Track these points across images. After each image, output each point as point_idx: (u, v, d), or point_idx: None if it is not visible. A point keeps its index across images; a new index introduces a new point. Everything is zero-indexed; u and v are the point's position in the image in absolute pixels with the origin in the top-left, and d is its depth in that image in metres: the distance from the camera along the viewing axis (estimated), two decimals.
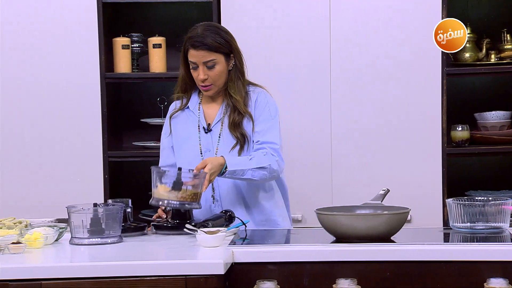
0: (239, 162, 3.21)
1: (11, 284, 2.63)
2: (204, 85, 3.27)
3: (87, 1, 4.12)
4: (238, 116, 3.28)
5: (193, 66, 3.27)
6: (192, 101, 3.37)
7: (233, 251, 2.81)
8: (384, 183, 3.70)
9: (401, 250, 2.82)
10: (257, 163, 3.21)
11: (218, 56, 3.25)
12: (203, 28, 3.27)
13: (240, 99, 3.29)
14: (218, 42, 3.25)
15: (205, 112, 3.34)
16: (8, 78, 4.14)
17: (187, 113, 3.36)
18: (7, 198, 4.13)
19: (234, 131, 3.27)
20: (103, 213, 2.99)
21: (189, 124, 3.34)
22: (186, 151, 3.32)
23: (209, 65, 3.25)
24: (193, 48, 3.24)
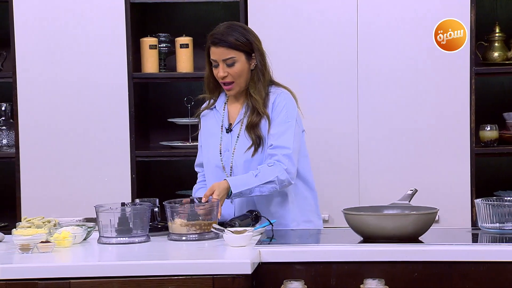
0: (244, 181, 3.18)
1: (40, 283, 2.65)
2: (225, 82, 3.27)
3: (116, 2, 4.14)
4: (256, 117, 3.27)
5: (214, 64, 3.27)
6: (219, 101, 3.38)
7: (260, 251, 2.81)
8: (412, 183, 3.69)
9: (429, 251, 2.80)
10: (263, 179, 3.18)
11: (238, 54, 3.24)
12: (226, 26, 3.28)
13: (259, 100, 3.27)
14: (238, 40, 3.24)
15: (229, 111, 3.35)
16: (38, 78, 4.17)
17: (214, 112, 3.37)
18: (36, 197, 4.16)
19: (250, 132, 3.26)
20: (130, 212, 3.01)
21: (214, 122, 3.36)
22: (209, 150, 3.34)
23: (228, 63, 3.24)
24: (214, 45, 3.24)
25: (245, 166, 3.26)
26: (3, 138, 4.31)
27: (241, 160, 3.27)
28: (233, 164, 3.28)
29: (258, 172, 3.21)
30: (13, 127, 4.24)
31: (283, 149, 3.23)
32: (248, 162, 3.26)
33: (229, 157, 3.29)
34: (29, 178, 4.17)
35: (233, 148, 3.30)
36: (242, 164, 3.26)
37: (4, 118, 4.33)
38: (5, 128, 4.31)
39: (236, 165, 3.27)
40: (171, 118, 4.40)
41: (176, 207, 3.04)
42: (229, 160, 3.29)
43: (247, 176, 3.21)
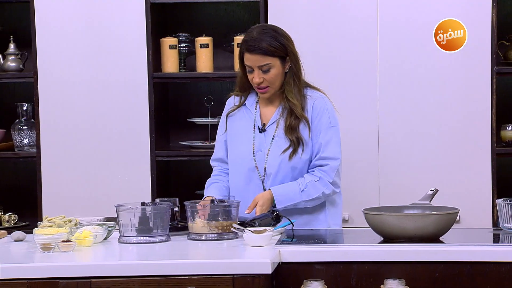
0: (290, 196, 3.21)
1: (61, 282, 2.66)
2: (260, 87, 3.26)
3: (136, 2, 4.15)
4: (295, 120, 3.26)
5: (248, 70, 3.25)
6: (250, 100, 3.36)
7: (280, 251, 2.81)
8: (433, 183, 3.67)
9: (450, 251, 2.79)
10: (309, 195, 3.23)
11: (273, 60, 3.23)
12: (259, 31, 3.24)
13: (297, 103, 3.26)
14: (273, 46, 3.21)
15: (262, 111, 3.33)
16: (59, 78, 4.19)
17: (244, 111, 3.35)
18: (57, 197, 4.18)
19: (290, 134, 3.25)
20: (151, 212, 3.01)
21: (245, 121, 3.33)
22: (240, 149, 3.32)
23: (264, 69, 3.22)
24: (248, 52, 3.21)
25: (280, 168, 3.26)
26: (24, 138, 4.34)
27: (276, 161, 3.26)
28: (267, 165, 3.27)
29: (304, 188, 3.23)
30: (34, 127, 4.27)
31: (331, 160, 3.25)
32: (284, 163, 3.25)
33: (263, 157, 3.28)
34: (50, 178, 4.19)
35: (268, 149, 3.28)
36: (277, 165, 3.26)
37: (25, 118, 4.35)
38: (26, 128, 4.34)
39: (270, 166, 3.26)
40: (191, 118, 4.40)
41: (197, 207, 3.05)
42: (263, 160, 3.27)
43: (292, 189, 3.22)
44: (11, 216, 4.29)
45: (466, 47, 4.04)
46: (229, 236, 3.02)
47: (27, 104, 4.36)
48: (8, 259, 2.85)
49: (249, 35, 3.24)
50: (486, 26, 4.03)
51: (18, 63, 4.39)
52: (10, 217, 4.29)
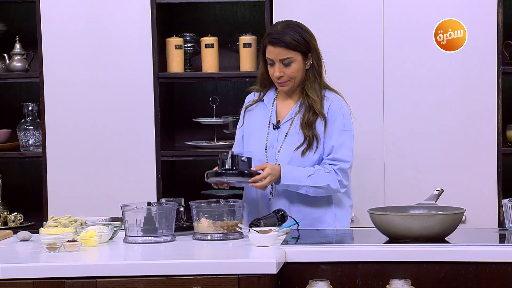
0: (296, 176, 3.21)
1: (67, 282, 2.67)
2: (280, 81, 3.28)
3: (141, 2, 4.16)
4: (313, 116, 3.27)
5: (269, 63, 3.27)
6: (268, 96, 3.37)
7: (286, 251, 2.81)
8: (439, 183, 3.67)
9: (455, 251, 2.79)
10: (315, 182, 3.22)
11: (295, 54, 3.25)
12: (283, 25, 3.27)
13: (317, 99, 3.27)
14: (296, 40, 3.24)
15: (278, 108, 3.34)
16: (65, 78, 4.20)
17: (262, 106, 3.37)
18: (63, 196, 4.19)
19: (307, 130, 3.25)
20: (156, 212, 3.02)
21: (261, 117, 3.35)
22: (253, 144, 3.33)
23: (285, 63, 3.25)
24: (271, 45, 3.24)
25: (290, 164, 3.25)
26: (30, 137, 4.34)
27: (287, 158, 3.26)
28: (278, 162, 3.27)
29: (313, 173, 3.23)
30: (40, 127, 4.27)
31: (342, 163, 3.27)
32: (294, 161, 3.25)
33: (274, 154, 3.28)
34: (56, 178, 4.20)
35: (280, 146, 3.29)
36: (287, 162, 3.25)
37: (31, 118, 4.36)
38: (32, 128, 4.35)
39: (281, 163, 3.26)
40: (196, 118, 4.40)
41: (202, 207, 3.05)
42: (274, 157, 3.28)
43: (302, 172, 3.23)
44: (17, 216, 4.30)
45: (471, 47, 4.03)
46: (235, 236, 3.02)
47: (32, 104, 4.36)
48: (14, 259, 2.86)
49: (273, 29, 3.28)
50: (492, 26, 4.02)
51: (23, 63, 4.40)
52: (16, 217, 4.30)
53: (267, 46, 3.26)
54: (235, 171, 3.11)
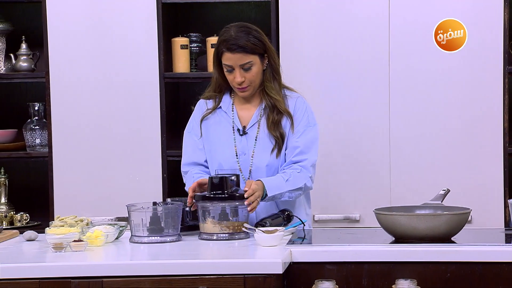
0: (277, 185, 3.17)
1: (73, 281, 2.67)
2: (241, 87, 3.24)
3: (147, 2, 4.16)
4: (277, 115, 3.25)
5: (228, 69, 3.22)
6: (225, 102, 3.32)
7: (291, 251, 2.81)
8: (444, 183, 3.66)
9: (461, 251, 2.78)
10: (293, 185, 3.20)
11: (254, 57, 3.21)
12: (236, 30, 3.22)
13: (280, 99, 3.25)
14: (253, 43, 3.20)
15: (239, 113, 3.29)
16: (71, 78, 4.20)
17: (219, 113, 3.31)
18: (68, 196, 4.19)
19: (274, 130, 3.23)
20: (162, 211, 3.02)
21: (222, 125, 3.29)
22: (221, 153, 3.27)
23: (245, 68, 3.20)
24: (229, 51, 3.19)
25: (267, 169, 3.24)
26: (36, 137, 4.35)
27: (263, 163, 3.24)
28: (253, 168, 3.24)
29: (289, 177, 3.21)
30: (46, 126, 4.28)
31: (311, 157, 3.24)
32: (271, 165, 3.24)
33: (247, 160, 3.25)
34: (61, 177, 4.20)
35: (252, 151, 3.26)
36: (264, 167, 3.24)
37: (37, 118, 4.37)
38: (38, 128, 4.35)
39: (257, 169, 3.24)
40: None
41: (208, 207, 3.05)
42: (248, 163, 3.25)
43: (278, 179, 3.19)
44: (23, 216, 4.31)
45: (476, 46, 4.03)
46: (240, 236, 3.02)
47: (38, 104, 4.37)
48: (20, 259, 2.86)
49: (227, 35, 3.22)
50: (498, 26, 4.01)
51: (30, 63, 4.40)
52: (22, 217, 4.30)
53: (224, 53, 3.19)
54: (225, 195, 3.05)
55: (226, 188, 3.04)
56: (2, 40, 4.41)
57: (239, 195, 3.05)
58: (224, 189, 3.04)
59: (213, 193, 3.04)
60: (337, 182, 4.08)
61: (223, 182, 3.04)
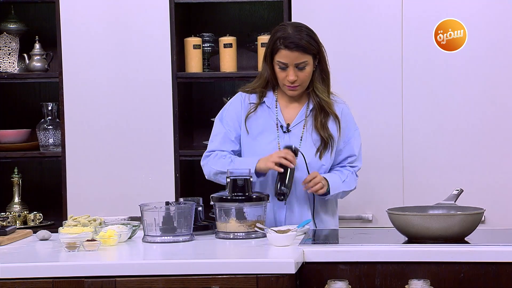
0: (337, 185, 3.24)
1: (86, 281, 2.68)
2: (293, 86, 3.24)
3: (160, 2, 4.16)
4: (325, 117, 3.26)
5: (281, 66, 3.22)
6: (269, 97, 3.32)
7: (304, 251, 2.80)
8: (458, 183, 3.65)
9: (475, 251, 2.77)
10: (348, 186, 3.29)
11: (309, 57, 3.22)
12: (294, 28, 3.22)
13: (329, 100, 3.27)
14: (310, 43, 3.21)
15: (283, 111, 3.30)
16: (84, 78, 4.21)
17: (263, 108, 3.31)
18: (82, 196, 4.20)
19: (323, 131, 3.24)
20: (175, 211, 3.02)
21: (265, 120, 3.28)
22: (262, 148, 3.25)
23: (300, 67, 3.21)
24: (288, 49, 3.19)
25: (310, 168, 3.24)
26: (49, 137, 4.36)
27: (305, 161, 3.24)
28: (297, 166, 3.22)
29: (345, 178, 3.28)
30: (59, 126, 4.29)
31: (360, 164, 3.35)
32: (314, 163, 3.24)
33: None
34: (75, 177, 4.22)
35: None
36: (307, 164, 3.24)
37: (50, 118, 4.38)
38: (52, 128, 4.37)
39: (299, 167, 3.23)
40: (214, 117, 4.40)
41: (230, 207, 3.04)
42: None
43: (337, 178, 3.26)
44: (36, 215, 4.32)
45: (491, 46, 4.01)
46: (257, 234, 3.02)
47: (52, 104, 4.38)
48: (34, 258, 2.87)
49: (284, 32, 3.21)
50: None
51: (43, 63, 4.42)
52: (36, 216, 4.32)
53: (281, 50, 3.20)
54: (245, 197, 3.07)
55: (248, 190, 3.07)
56: (15, 40, 4.43)
57: (256, 197, 3.07)
58: (246, 191, 3.07)
59: (233, 194, 3.06)
60: None
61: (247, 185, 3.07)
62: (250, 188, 3.08)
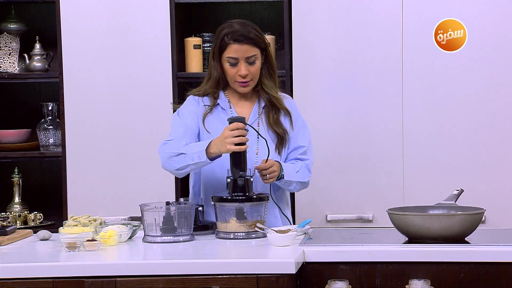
0: (291, 172, 3.21)
1: (86, 281, 2.68)
2: (244, 81, 3.23)
3: (160, 2, 4.16)
4: (276, 113, 3.27)
5: (232, 62, 3.21)
6: (221, 98, 3.30)
7: (304, 250, 2.80)
8: (458, 183, 3.65)
9: (476, 251, 2.77)
10: (302, 178, 3.25)
11: (258, 51, 3.23)
12: (241, 23, 3.24)
13: (278, 96, 3.27)
14: (258, 36, 3.22)
15: (236, 110, 3.29)
16: (84, 78, 4.21)
17: (218, 110, 3.28)
18: (82, 196, 4.20)
19: (277, 127, 3.25)
20: (175, 211, 3.02)
21: (221, 122, 3.25)
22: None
23: (250, 61, 3.21)
24: (237, 43, 3.18)
25: None
26: (49, 137, 4.37)
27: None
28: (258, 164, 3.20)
29: (299, 169, 3.25)
30: (60, 126, 4.29)
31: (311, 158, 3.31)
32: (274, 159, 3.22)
33: (252, 157, 3.22)
34: (75, 177, 4.22)
35: (256, 149, 3.24)
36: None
37: (50, 118, 4.38)
38: (52, 128, 4.37)
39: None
40: None
41: (230, 207, 3.04)
42: (252, 160, 3.22)
43: (290, 168, 3.22)
44: (36, 215, 4.32)
45: (494, 46, 4.01)
46: (258, 234, 3.02)
47: (52, 104, 4.39)
48: (34, 258, 2.88)
49: (231, 28, 3.21)
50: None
51: (43, 63, 4.42)
52: (36, 216, 4.32)
53: (230, 44, 3.18)
54: (245, 197, 3.06)
55: (249, 190, 3.07)
56: (16, 40, 4.43)
57: (256, 197, 3.07)
58: (246, 191, 3.07)
59: (234, 194, 3.06)
60: (350, 182, 4.07)
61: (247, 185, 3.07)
62: (251, 188, 3.08)
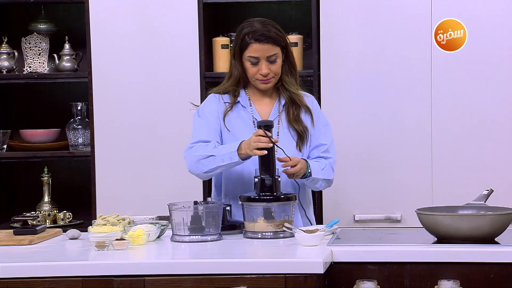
0: (317, 170, 3.21)
1: (115, 280, 2.69)
2: (266, 79, 3.23)
3: (189, 2, 4.17)
4: (296, 110, 3.27)
5: (253, 62, 3.22)
6: (242, 96, 3.31)
7: (332, 250, 2.80)
8: (488, 183, 3.62)
9: (506, 252, 2.75)
10: (327, 175, 3.25)
11: (278, 50, 3.24)
12: (261, 22, 3.25)
13: (299, 93, 3.28)
14: (279, 35, 3.23)
15: (257, 108, 3.29)
16: (113, 78, 4.23)
17: (238, 108, 3.29)
18: (111, 195, 4.23)
19: (297, 125, 3.25)
20: (203, 211, 3.03)
21: (241, 120, 3.27)
22: None
23: (271, 59, 3.22)
24: (258, 42, 3.19)
25: None
26: (78, 137, 4.39)
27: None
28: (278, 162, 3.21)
29: (324, 167, 3.25)
30: (89, 126, 4.32)
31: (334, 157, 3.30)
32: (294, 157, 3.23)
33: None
34: (104, 177, 4.24)
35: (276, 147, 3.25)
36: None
37: (80, 118, 4.41)
38: (81, 127, 4.40)
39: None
40: None
41: (258, 207, 3.04)
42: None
43: (316, 165, 3.22)
44: (66, 215, 4.35)
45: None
46: (285, 234, 3.02)
47: (81, 104, 4.41)
48: (63, 257, 2.90)
49: (253, 27, 3.23)
50: None
51: (73, 63, 4.45)
52: (65, 215, 4.35)
53: (251, 44, 3.20)
54: (273, 196, 3.06)
55: (276, 189, 3.07)
56: (45, 40, 4.46)
57: (284, 197, 3.06)
58: (274, 191, 3.07)
59: (262, 194, 3.06)
60: (378, 181, 4.05)
61: (275, 185, 3.07)
62: (278, 188, 3.08)
